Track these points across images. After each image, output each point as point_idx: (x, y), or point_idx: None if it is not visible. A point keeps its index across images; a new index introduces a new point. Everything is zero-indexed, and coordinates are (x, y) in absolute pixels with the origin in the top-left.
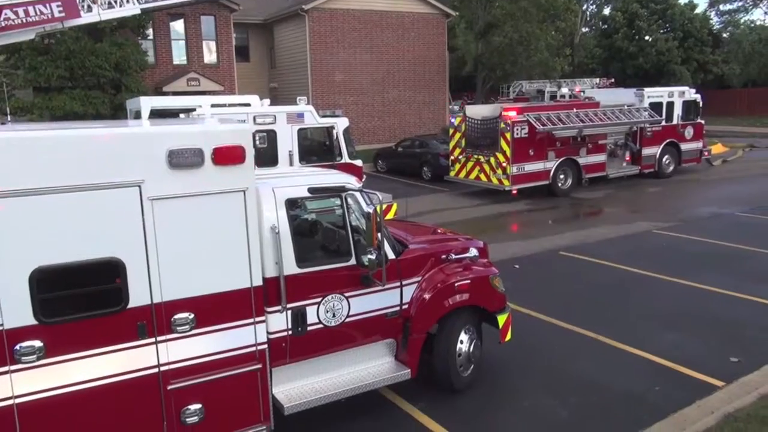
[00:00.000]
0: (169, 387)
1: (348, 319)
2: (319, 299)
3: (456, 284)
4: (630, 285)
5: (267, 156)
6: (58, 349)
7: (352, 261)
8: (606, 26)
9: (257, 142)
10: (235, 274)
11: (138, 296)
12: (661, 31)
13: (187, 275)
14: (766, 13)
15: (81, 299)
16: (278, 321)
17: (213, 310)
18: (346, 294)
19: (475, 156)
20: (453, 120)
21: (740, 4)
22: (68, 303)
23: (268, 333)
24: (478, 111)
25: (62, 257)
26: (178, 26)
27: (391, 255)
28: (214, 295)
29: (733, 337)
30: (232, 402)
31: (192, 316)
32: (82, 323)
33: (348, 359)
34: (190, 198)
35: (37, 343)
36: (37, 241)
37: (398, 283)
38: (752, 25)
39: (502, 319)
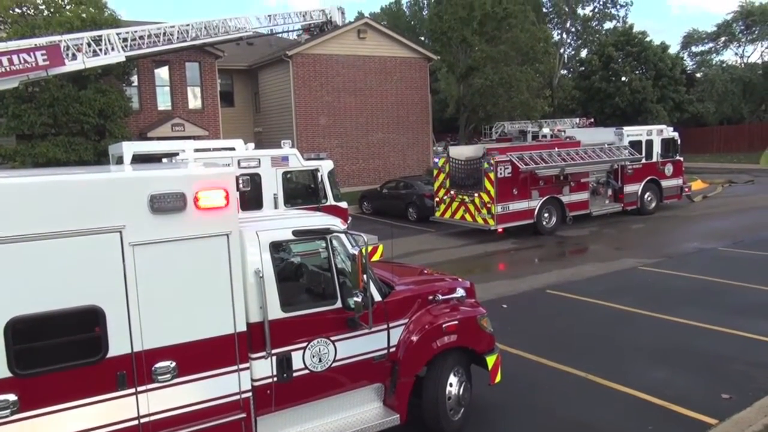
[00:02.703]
0: None
1: (335, 364)
2: (304, 344)
3: (444, 325)
4: (617, 322)
5: (252, 199)
6: (33, 403)
7: (338, 304)
8: (583, 68)
9: (241, 186)
10: (219, 320)
11: (118, 345)
12: (636, 71)
13: (169, 322)
14: (736, 54)
15: (58, 350)
16: (263, 367)
17: (195, 357)
18: (333, 338)
19: (460, 196)
20: (437, 161)
21: (711, 45)
22: (45, 354)
23: (253, 380)
24: (461, 152)
25: (39, 306)
26: (162, 73)
27: (377, 297)
28: (196, 342)
29: (722, 373)
30: None
31: (173, 364)
32: (59, 375)
33: (335, 406)
34: (172, 243)
35: (11, 397)
36: (12, 290)
37: (385, 326)
38: (724, 65)
39: (491, 360)
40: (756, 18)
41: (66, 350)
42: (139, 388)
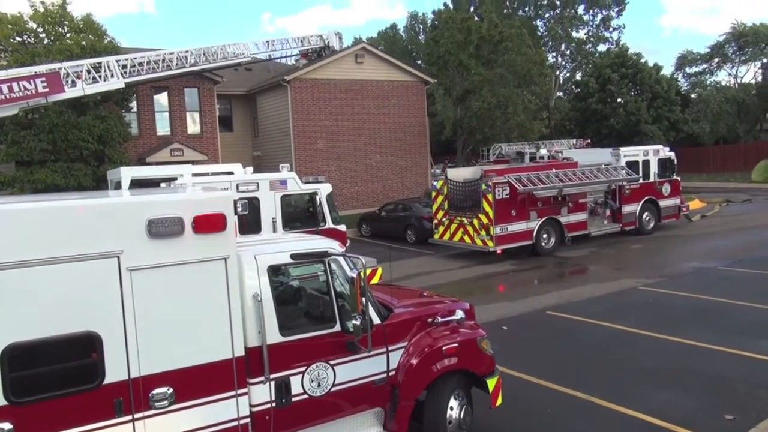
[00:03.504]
0: None
1: (334, 389)
2: (303, 368)
3: (444, 348)
4: (618, 343)
5: (250, 223)
6: (28, 431)
7: (337, 327)
8: (579, 90)
9: (239, 210)
10: (217, 345)
11: (115, 371)
12: (632, 93)
13: (167, 348)
14: (729, 74)
15: (55, 376)
16: (261, 393)
17: (193, 383)
18: (332, 362)
19: (459, 218)
20: (435, 183)
21: (705, 66)
22: (41, 381)
23: (251, 406)
24: (459, 174)
25: (36, 333)
26: (161, 98)
27: (376, 320)
28: (194, 368)
29: (725, 393)
30: None
31: (171, 390)
32: (56, 402)
33: (334, 431)
34: (170, 267)
35: (6, 426)
36: (8, 316)
37: (384, 349)
38: (718, 86)
39: (491, 382)
40: (748, 39)
41: (63, 377)
42: (137, 415)
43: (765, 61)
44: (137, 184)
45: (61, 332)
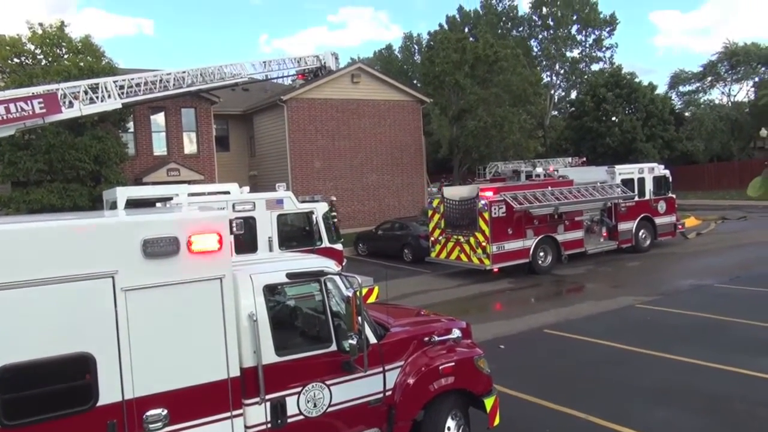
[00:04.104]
0: None
1: (330, 409)
2: (299, 388)
3: (440, 367)
4: (617, 361)
5: (246, 242)
6: None
7: (333, 347)
8: (574, 109)
9: (235, 229)
10: (212, 366)
11: (108, 393)
12: (627, 111)
13: (161, 368)
14: (723, 93)
15: (48, 398)
16: (256, 414)
17: (187, 404)
18: (327, 382)
19: (455, 236)
20: (432, 202)
21: (698, 85)
22: (34, 403)
23: (246, 427)
24: (455, 192)
25: (29, 354)
26: (158, 118)
27: (372, 339)
28: (188, 389)
29: (724, 412)
30: None
31: (165, 412)
32: (49, 424)
33: None
34: (165, 288)
35: None
36: (1, 338)
37: (381, 369)
38: (711, 104)
39: (489, 402)
40: (740, 58)
41: (55, 399)
42: None
43: (757, 79)
44: (133, 204)
45: (54, 353)
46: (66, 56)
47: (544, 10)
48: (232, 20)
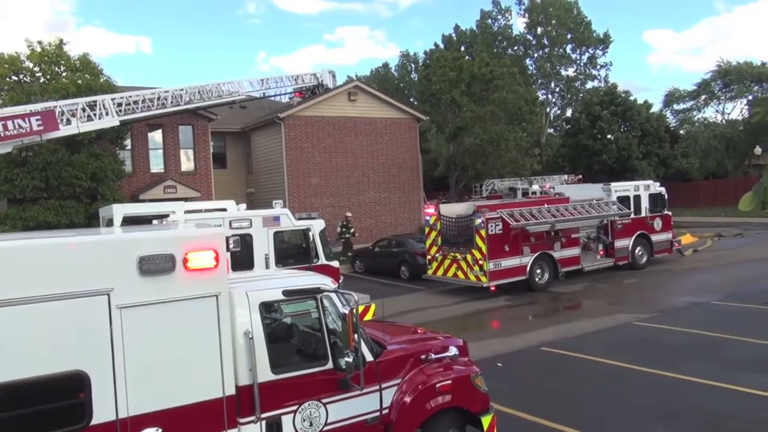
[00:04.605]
0: None
1: (326, 428)
2: (295, 407)
3: (437, 385)
4: (614, 379)
5: (243, 260)
6: None
7: (329, 365)
8: (570, 126)
9: (232, 246)
10: (207, 384)
11: (102, 412)
12: (622, 129)
13: (156, 387)
14: (717, 111)
15: (41, 417)
16: None
17: (182, 423)
18: (324, 400)
19: (452, 254)
20: (428, 219)
21: (692, 103)
22: (26, 422)
23: None
24: (452, 209)
25: (22, 373)
26: (156, 136)
27: (369, 357)
28: (183, 408)
29: (720, 429)
30: None
31: (160, 431)
32: None
33: None
34: (160, 305)
35: None
36: None
37: (377, 387)
38: (705, 122)
39: (486, 420)
40: (733, 77)
41: (49, 418)
42: None
43: (751, 98)
44: (129, 221)
45: (48, 372)
46: (64, 74)
47: (539, 29)
48: (230, 38)
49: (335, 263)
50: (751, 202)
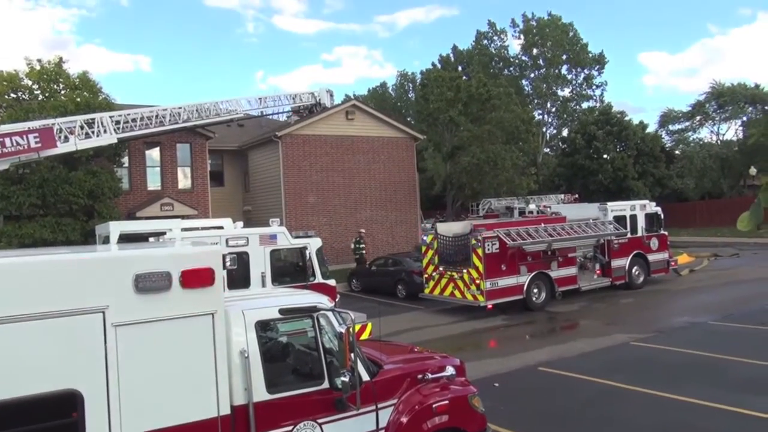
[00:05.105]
0: None
1: None
2: (290, 427)
3: (434, 405)
4: (613, 400)
5: (239, 278)
6: None
7: (325, 384)
8: (566, 146)
9: (228, 264)
10: (201, 403)
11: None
12: (618, 149)
13: (150, 406)
14: (711, 131)
15: None
16: None
17: None
18: (320, 420)
19: (449, 272)
20: (425, 238)
21: (687, 124)
22: None
23: None
24: (449, 228)
25: (14, 391)
26: (154, 153)
27: (365, 376)
28: (177, 427)
29: None
30: None
31: None
32: None
33: None
34: (156, 323)
35: None
36: None
37: (374, 407)
38: (701, 143)
39: None
40: (727, 98)
41: None
42: None
43: (745, 119)
44: (126, 238)
45: (40, 391)
46: (63, 92)
47: (535, 50)
48: (229, 57)
49: (332, 282)
50: (748, 222)
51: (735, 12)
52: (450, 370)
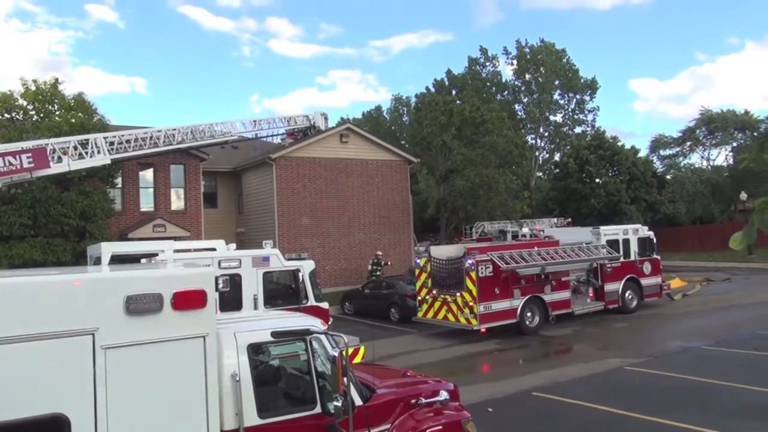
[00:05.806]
0: None
1: None
2: None
3: (428, 431)
4: (607, 426)
5: (231, 300)
6: None
7: (317, 409)
8: (558, 170)
9: (221, 286)
10: (191, 428)
11: None
12: (610, 173)
13: (139, 431)
14: (702, 157)
15: None
16: None
17: None
18: None
19: (442, 296)
20: (418, 261)
21: (678, 149)
22: None
23: None
24: (442, 251)
25: None
26: (147, 175)
27: (358, 401)
28: None
29: None
30: None
31: None
32: None
33: None
34: (146, 345)
35: None
36: None
37: None
38: (692, 168)
39: None
40: (717, 124)
41: None
42: None
43: (735, 144)
44: (117, 259)
45: (26, 415)
46: (58, 112)
47: (527, 76)
48: (224, 80)
49: (325, 304)
50: (741, 241)
51: (724, 41)
52: (444, 395)
